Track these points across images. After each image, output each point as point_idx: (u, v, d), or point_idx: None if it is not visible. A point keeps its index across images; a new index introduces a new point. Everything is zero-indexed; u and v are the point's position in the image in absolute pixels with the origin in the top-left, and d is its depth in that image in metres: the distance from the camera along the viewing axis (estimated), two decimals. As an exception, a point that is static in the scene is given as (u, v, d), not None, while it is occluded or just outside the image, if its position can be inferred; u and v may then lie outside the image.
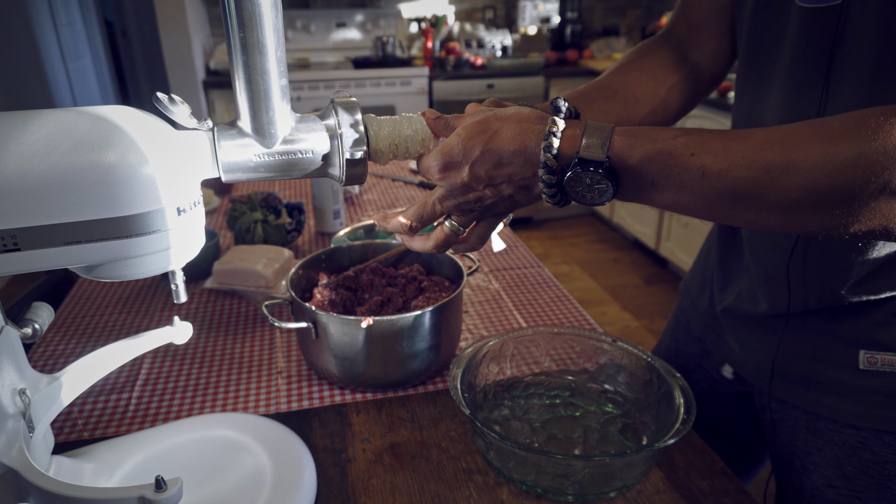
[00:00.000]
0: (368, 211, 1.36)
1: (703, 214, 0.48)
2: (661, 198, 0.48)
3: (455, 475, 0.61)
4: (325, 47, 3.56)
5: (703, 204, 0.47)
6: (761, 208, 0.45)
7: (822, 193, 0.42)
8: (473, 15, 3.76)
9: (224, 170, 0.46)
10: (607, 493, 0.58)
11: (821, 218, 0.44)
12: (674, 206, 0.48)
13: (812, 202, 0.43)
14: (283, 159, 0.47)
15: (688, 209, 0.48)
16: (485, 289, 1.01)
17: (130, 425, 0.69)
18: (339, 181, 0.50)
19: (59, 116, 0.40)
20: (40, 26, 3.07)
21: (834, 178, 0.41)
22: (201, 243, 0.47)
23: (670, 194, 0.47)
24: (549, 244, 3.40)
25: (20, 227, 0.38)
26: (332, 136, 0.48)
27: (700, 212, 0.48)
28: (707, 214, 0.48)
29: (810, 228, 0.45)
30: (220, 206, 1.39)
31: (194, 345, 0.85)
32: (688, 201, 0.47)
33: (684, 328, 0.88)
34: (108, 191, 0.39)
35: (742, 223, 0.48)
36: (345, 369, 0.72)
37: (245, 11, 0.42)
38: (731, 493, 0.59)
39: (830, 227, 0.44)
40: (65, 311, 0.95)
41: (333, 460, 0.63)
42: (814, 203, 0.43)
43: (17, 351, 0.50)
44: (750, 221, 0.47)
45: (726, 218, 0.48)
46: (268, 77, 0.44)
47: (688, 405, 0.59)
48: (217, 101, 3.05)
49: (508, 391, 0.71)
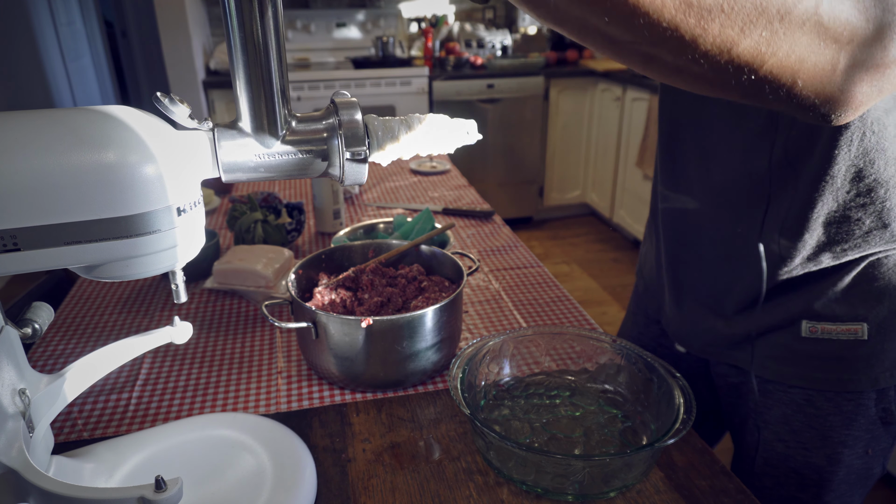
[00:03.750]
0: (368, 211, 1.36)
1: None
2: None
3: (455, 475, 0.61)
4: (325, 47, 3.56)
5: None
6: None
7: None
8: (473, 15, 3.76)
9: (224, 170, 0.46)
10: (607, 493, 0.58)
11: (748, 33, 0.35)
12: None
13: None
14: (283, 159, 0.47)
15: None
16: (485, 289, 1.01)
17: (130, 425, 0.69)
18: (339, 181, 0.50)
19: (59, 116, 0.40)
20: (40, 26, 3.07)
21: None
22: (201, 243, 0.47)
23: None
24: (549, 244, 3.40)
25: (20, 227, 0.38)
26: (331, 136, 0.48)
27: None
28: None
29: (722, 43, 0.36)
30: (220, 206, 1.39)
31: (194, 345, 0.85)
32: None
33: (643, 312, 0.93)
34: (108, 191, 0.39)
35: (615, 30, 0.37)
36: (345, 369, 0.72)
37: (245, 11, 0.42)
38: (731, 493, 0.59)
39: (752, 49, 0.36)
40: (65, 311, 0.95)
41: (333, 460, 0.63)
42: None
43: (17, 351, 0.50)
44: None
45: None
46: (268, 77, 0.44)
47: (688, 405, 0.59)
48: (217, 101, 3.05)
49: (508, 391, 0.71)
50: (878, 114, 0.58)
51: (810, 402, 0.71)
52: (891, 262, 0.66)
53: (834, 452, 0.71)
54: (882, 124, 0.59)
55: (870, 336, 0.67)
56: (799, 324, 0.69)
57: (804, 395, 0.71)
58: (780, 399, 0.73)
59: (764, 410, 0.75)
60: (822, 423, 0.71)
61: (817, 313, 0.68)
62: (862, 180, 0.61)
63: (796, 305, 0.69)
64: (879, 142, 0.59)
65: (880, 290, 0.66)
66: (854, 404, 0.69)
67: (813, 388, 0.70)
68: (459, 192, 1.48)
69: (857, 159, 0.60)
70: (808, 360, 0.70)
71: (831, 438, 0.71)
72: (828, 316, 0.68)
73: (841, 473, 0.72)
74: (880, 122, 0.58)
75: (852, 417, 0.70)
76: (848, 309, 0.67)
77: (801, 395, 0.71)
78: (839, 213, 0.64)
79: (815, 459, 0.72)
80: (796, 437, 0.73)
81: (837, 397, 0.69)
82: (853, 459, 0.72)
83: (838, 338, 0.68)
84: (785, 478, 0.75)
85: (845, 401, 0.69)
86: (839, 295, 0.67)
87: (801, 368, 0.70)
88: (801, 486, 0.74)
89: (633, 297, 0.98)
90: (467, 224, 1.29)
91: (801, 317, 0.69)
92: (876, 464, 0.74)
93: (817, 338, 0.69)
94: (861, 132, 0.59)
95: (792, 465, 0.74)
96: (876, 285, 0.66)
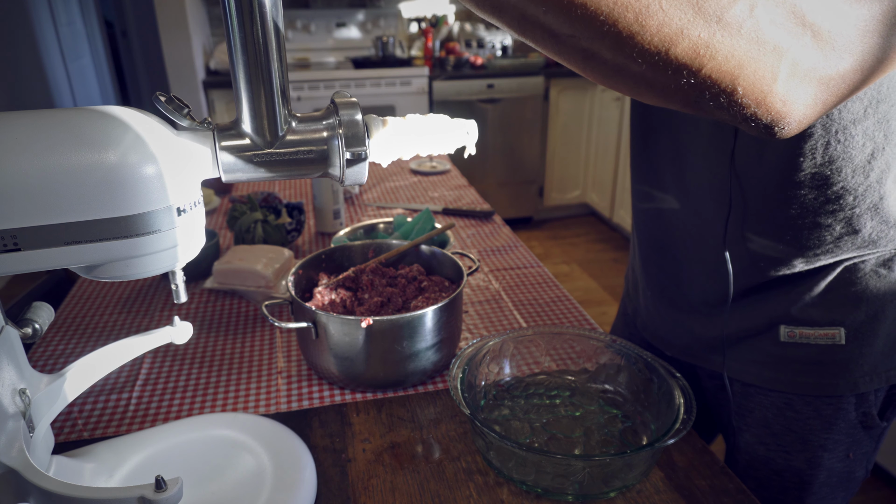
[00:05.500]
0: (368, 211, 1.36)
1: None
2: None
3: (455, 475, 0.61)
4: (325, 47, 3.56)
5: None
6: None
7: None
8: (473, 15, 3.76)
9: (224, 170, 0.46)
10: (607, 493, 0.58)
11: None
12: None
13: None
14: (283, 159, 0.47)
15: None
16: (485, 289, 1.01)
17: (130, 425, 0.69)
18: (339, 181, 0.50)
19: (60, 116, 0.40)
20: (40, 26, 3.07)
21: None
22: (201, 243, 0.47)
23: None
24: (549, 244, 3.40)
25: (20, 227, 0.38)
26: (332, 136, 0.48)
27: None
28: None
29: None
30: (220, 206, 1.39)
31: (194, 345, 0.85)
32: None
33: (632, 313, 0.93)
34: (108, 191, 0.39)
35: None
36: (345, 369, 0.72)
37: (245, 11, 0.42)
38: (731, 493, 0.59)
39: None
40: (65, 311, 0.95)
41: (333, 460, 0.63)
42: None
43: (17, 351, 0.50)
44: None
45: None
46: (268, 77, 0.44)
47: (688, 405, 0.59)
48: (217, 101, 3.05)
49: (508, 391, 0.71)
50: (845, 123, 0.58)
51: (790, 405, 0.71)
52: (867, 268, 0.66)
53: (814, 456, 0.71)
54: (849, 133, 0.58)
55: (847, 340, 0.67)
56: (777, 328, 0.69)
57: (784, 399, 0.71)
58: (761, 402, 0.73)
59: (745, 413, 0.75)
60: (801, 427, 0.71)
61: (795, 318, 0.68)
62: (830, 187, 0.61)
63: (773, 310, 0.69)
64: (846, 150, 0.59)
65: (857, 295, 0.66)
66: (833, 408, 0.69)
67: (792, 392, 0.70)
68: (459, 192, 1.48)
69: (822, 167, 0.60)
70: (788, 365, 0.70)
71: (811, 442, 0.71)
72: (805, 321, 0.68)
73: (822, 477, 0.73)
74: (846, 132, 0.58)
75: (832, 421, 0.70)
76: (825, 313, 0.67)
77: (781, 399, 0.71)
78: (809, 219, 0.63)
79: (796, 463, 0.73)
80: (777, 441, 0.73)
81: (817, 401, 0.69)
82: (834, 463, 0.72)
83: (816, 342, 0.68)
84: (767, 480, 0.75)
85: (825, 405, 0.69)
86: (815, 300, 0.67)
87: (781, 373, 0.70)
88: (783, 488, 0.74)
89: (623, 297, 0.99)
90: (467, 224, 1.29)
91: (779, 321, 0.69)
92: (858, 467, 0.74)
93: (796, 342, 0.69)
94: (825, 140, 0.59)
95: (773, 467, 0.74)
96: (852, 290, 0.66)
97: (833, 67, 0.38)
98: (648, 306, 0.85)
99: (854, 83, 0.39)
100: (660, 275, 0.81)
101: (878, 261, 0.66)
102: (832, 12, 0.37)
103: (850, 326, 0.67)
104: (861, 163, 0.60)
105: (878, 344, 0.67)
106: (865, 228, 0.63)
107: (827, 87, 0.39)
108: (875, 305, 0.66)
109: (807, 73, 0.37)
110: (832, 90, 0.39)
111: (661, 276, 0.80)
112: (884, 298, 0.66)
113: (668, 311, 0.80)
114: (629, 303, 0.93)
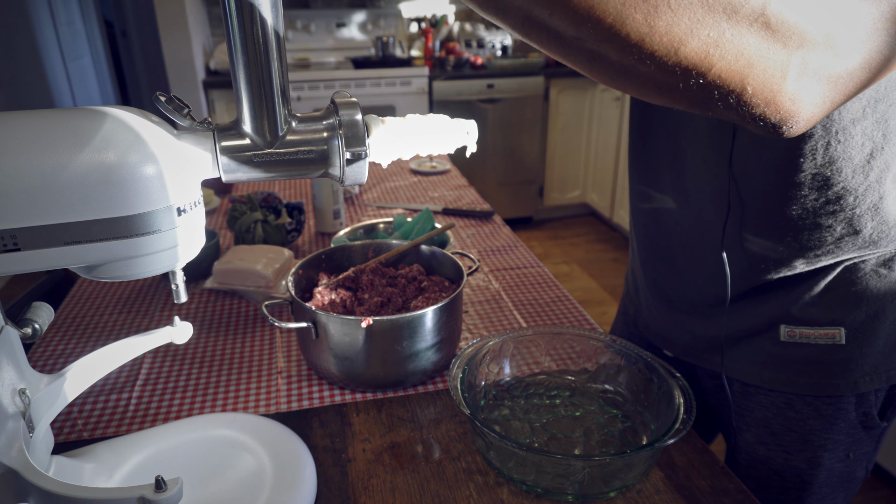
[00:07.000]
0: (368, 211, 1.36)
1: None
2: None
3: (455, 475, 0.61)
4: (325, 47, 3.56)
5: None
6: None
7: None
8: (473, 15, 3.75)
9: (224, 170, 0.46)
10: (607, 493, 0.58)
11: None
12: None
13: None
14: (283, 159, 0.47)
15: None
16: (485, 289, 1.01)
17: (130, 425, 0.69)
18: (339, 181, 0.50)
19: (60, 116, 0.40)
20: (40, 26, 3.07)
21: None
22: (201, 243, 0.47)
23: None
24: (549, 244, 3.40)
25: (20, 227, 0.38)
26: (332, 136, 0.48)
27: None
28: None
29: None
30: (220, 206, 1.39)
31: (194, 345, 0.85)
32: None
33: (633, 314, 0.93)
34: (108, 191, 0.39)
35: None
36: (345, 369, 0.72)
37: (245, 11, 0.42)
38: (731, 493, 0.59)
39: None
40: (65, 311, 0.95)
41: (333, 460, 0.63)
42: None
43: (17, 351, 0.50)
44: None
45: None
46: (268, 77, 0.44)
47: (688, 405, 0.59)
48: (217, 101, 3.05)
49: (508, 391, 0.71)
50: (845, 123, 0.58)
51: (790, 405, 0.71)
52: (867, 268, 0.66)
53: (814, 456, 0.72)
54: (848, 133, 0.58)
55: (848, 340, 0.67)
56: (777, 328, 0.69)
57: (784, 399, 0.71)
58: (761, 402, 0.73)
59: (745, 413, 0.75)
60: (801, 427, 0.71)
61: (795, 318, 0.68)
62: (830, 188, 0.61)
63: (774, 310, 0.69)
64: (846, 150, 0.59)
65: (857, 295, 0.66)
66: (834, 408, 0.69)
67: (793, 392, 0.70)
68: (459, 192, 1.48)
69: (823, 168, 0.60)
70: (788, 365, 0.70)
71: (811, 442, 0.71)
72: (805, 320, 0.68)
73: (822, 477, 0.73)
74: (846, 132, 0.58)
75: (832, 421, 0.70)
76: (825, 313, 0.67)
77: (781, 399, 0.71)
78: (809, 219, 0.63)
79: (796, 462, 0.73)
80: (777, 440, 0.73)
81: (817, 401, 0.69)
82: (834, 463, 0.72)
83: (816, 342, 0.68)
84: (767, 479, 0.75)
85: (825, 405, 0.69)
86: (816, 299, 0.67)
87: (781, 373, 0.70)
88: (783, 488, 0.74)
89: (623, 298, 0.99)
90: (467, 224, 1.29)
91: (779, 321, 0.69)
92: (859, 467, 0.74)
93: (796, 342, 0.69)
94: (825, 141, 0.59)
95: (773, 467, 0.74)
96: (853, 290, 0.66)
97: (842, 65, 0.38)
98: (649, 306, 0.85)
99: (861, 81, 0.39)
100: (659, 275, 0.81)
101: (878, 261, 0.66)
102: (842, 10, 0.36)
103: (850, 326, 0.67)
104: (861, 162, 0.60)
105: (878, 344, 0.67)
106: (866, 229, 0.63)
107: (835, 86, 0.38)
108: (875, 305, 0.66)
109: (816, 71, 0.37)
110: (840, 88, 0.39)
111: (660, 276, 0.80)
112: (884, 298, 0.66)
113: (668, 312, 0.81)
114: (630, 303, 0.93)
